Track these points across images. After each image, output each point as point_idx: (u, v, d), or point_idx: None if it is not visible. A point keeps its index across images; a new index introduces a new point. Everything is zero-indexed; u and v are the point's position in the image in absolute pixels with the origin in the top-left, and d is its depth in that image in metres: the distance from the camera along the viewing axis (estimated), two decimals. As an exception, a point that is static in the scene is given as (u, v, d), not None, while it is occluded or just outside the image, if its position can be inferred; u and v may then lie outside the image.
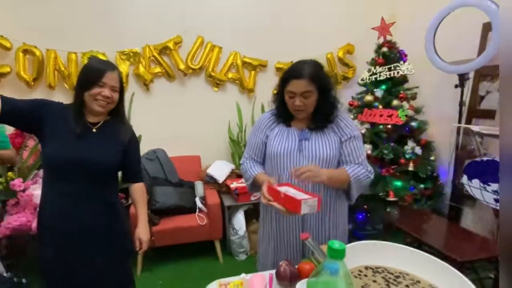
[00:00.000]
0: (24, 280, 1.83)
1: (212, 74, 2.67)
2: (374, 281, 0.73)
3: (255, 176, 1.17)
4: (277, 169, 1.15)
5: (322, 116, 1.14)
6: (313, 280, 0.58)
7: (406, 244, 2.09)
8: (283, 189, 1.02)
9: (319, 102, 1.10)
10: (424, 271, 0.75)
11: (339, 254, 0.52)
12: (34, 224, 1.82)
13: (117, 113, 1.20)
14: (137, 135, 1.29)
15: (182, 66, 2.58)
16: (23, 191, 1.87)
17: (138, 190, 1.29)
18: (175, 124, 2.71)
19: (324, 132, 1.14)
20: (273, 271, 0.91)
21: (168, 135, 2.67)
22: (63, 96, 2.43)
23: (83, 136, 1.10)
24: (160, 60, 2.56)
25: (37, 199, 1.87)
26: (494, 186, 1.65)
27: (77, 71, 2.37)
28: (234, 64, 2.73)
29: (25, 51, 2.26)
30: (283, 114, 1.18)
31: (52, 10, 2.35)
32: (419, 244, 1.93)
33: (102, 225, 1.15)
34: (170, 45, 2.54)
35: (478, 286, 1.70)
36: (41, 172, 2.05)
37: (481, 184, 1.72)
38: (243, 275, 0.93)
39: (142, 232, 1.23)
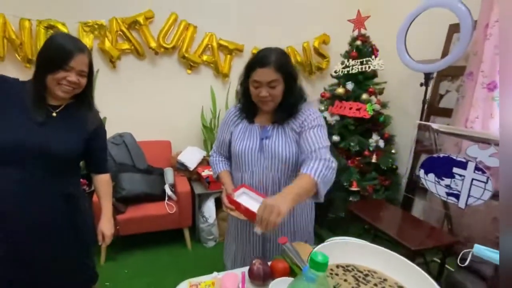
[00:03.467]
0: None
1: (186, 55, 2.53)
2: (345, 280, 0.78)
3: (219, 174, 1.23)
4: (240, 167, 1.16)
5: (288, 107, 1.08)
6: (292, 284, 0.62)
7: (365, 230, 2.24)
8: (240, 191, 1.11)
9: (285, 93, 1.05)
10: (391, 269, 0.80)
11: (321, 267, 0.54)
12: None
13: (83, 97, 1.08)
14: (102, 117, 1.19)
15: (153, 44, 2.41)
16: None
17: (103, 182, 1.22)
18: (144, 106, 2.56)
19: (285, 130, 1.11)
20: (246, 269, 0.91)
21: (136, 118, 2.52)
22: (13, 68, 2.16)
23: (41, 120, 0.99)
24: (128, 36, 2.36)
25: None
26: (447, 181, 1.83)
27: (31, 41, 2.11)
28: (209, 46, 2.61)
29: (-35, 13, 1.94)
30: (247, 109, 1.15)
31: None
32: (376, 231, 2.10)
33: (60, 219, 1.07)
34: (141, 19, 2.34)
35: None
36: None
37: (436, 179, 1.87)
38: (215, 273, 0.92)
39: (105, 227, 1.19)
